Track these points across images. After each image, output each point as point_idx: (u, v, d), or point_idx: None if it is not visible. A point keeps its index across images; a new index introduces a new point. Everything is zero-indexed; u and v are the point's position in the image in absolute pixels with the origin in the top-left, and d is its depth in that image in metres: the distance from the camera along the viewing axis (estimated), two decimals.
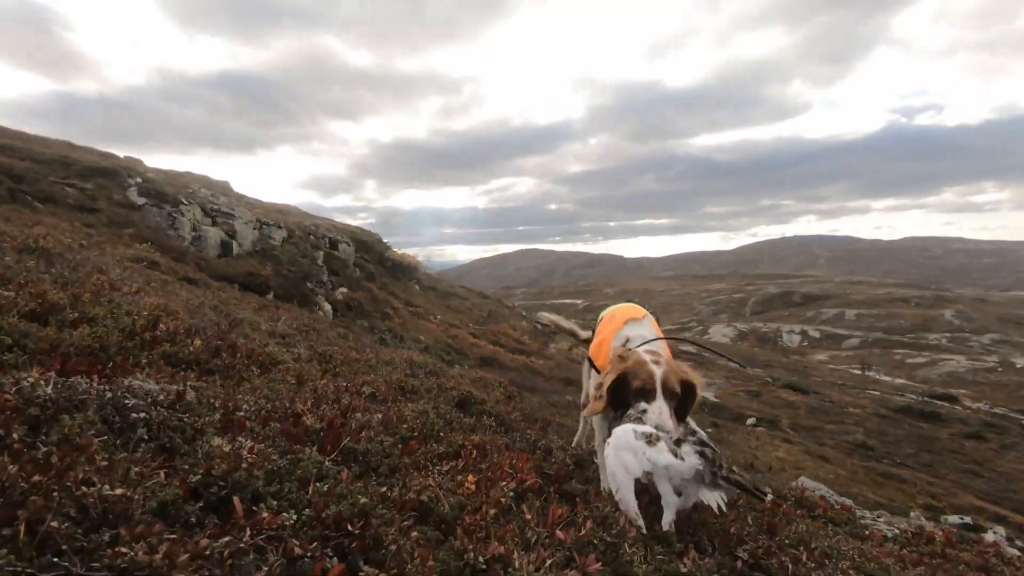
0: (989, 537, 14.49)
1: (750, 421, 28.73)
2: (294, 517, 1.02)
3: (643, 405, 2.25)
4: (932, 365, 62.50)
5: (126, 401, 1.43)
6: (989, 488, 24.83)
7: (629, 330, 2.73)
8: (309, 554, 0.92)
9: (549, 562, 1.14)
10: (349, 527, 1.02)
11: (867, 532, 2.37)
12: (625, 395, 2.36)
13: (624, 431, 2.00)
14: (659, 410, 2.18)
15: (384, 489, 1.24)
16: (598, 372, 2.62)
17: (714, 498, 1.80)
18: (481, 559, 1.13)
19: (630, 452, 1.87)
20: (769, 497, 2.25)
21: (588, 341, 3.11)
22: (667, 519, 1.70)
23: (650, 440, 1.94)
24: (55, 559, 0.88)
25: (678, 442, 1.99)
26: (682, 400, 2.39)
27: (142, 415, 1.43)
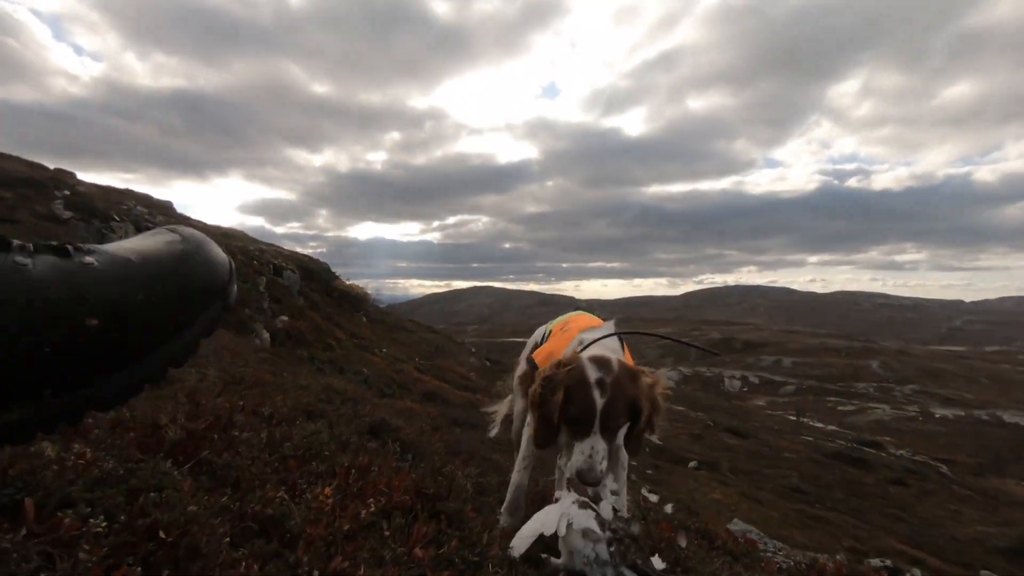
0: None
1: (692, 464, 29.13)
2: (104, 524, 0.94)
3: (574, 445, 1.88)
4: (860, 413, 65.59)
5: None
6: (911, 532, 25.89)
7: (586, 336, 2.33)
8: (96, 560, 0.84)
9: None
10: (163, 535, 0.94)
11: (762, 564, 2.40)
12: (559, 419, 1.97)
13: (586, 517, 1.59)
14: (588, 450, 1.81)
15: (225, 499, 1.17)
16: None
17: None
18: (317, 573, 1.07)
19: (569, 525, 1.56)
20: None
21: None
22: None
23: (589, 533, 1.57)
24: None
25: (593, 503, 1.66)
26: (633, 423, 1.97)
27: None
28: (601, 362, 1.98)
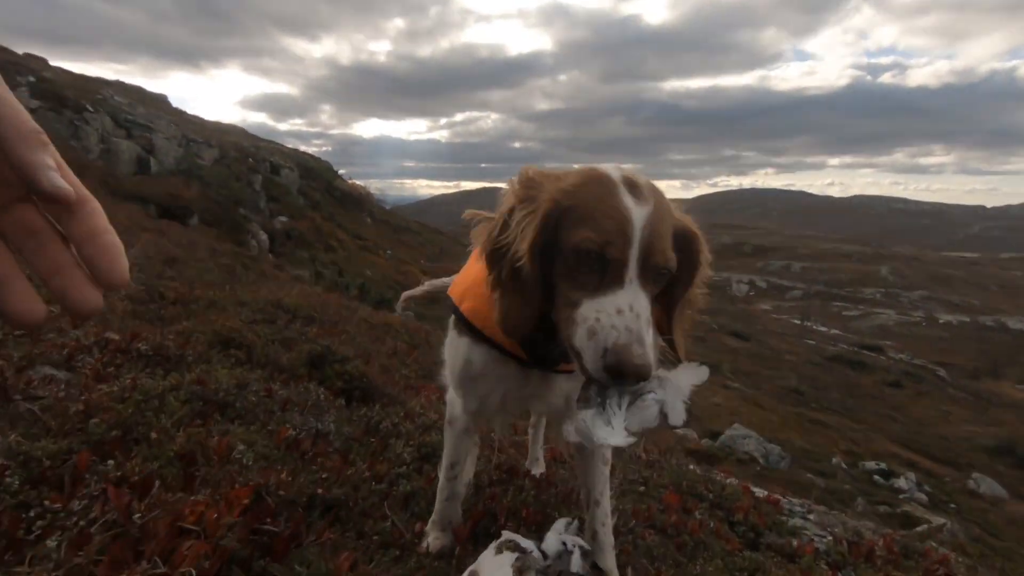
0: (901, 484, 15.41)
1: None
2: None
3: (594, 307, 1.02)
4: (865, 318, 66.04)
5: None
6: (902, 432, 26.70)
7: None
8: None
9: None
10: None
11: (795, 544, 1.92)
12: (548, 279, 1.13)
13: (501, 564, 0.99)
14: (624, 306, 0.99)
15: None
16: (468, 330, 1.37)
17: None
18: None
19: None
20: None
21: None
22: None
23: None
24: None
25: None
26: (677, 277, 1.16)
27: None
28: (623, 175, 1.15)
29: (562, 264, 1.09)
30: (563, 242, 1.07)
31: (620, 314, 1.00)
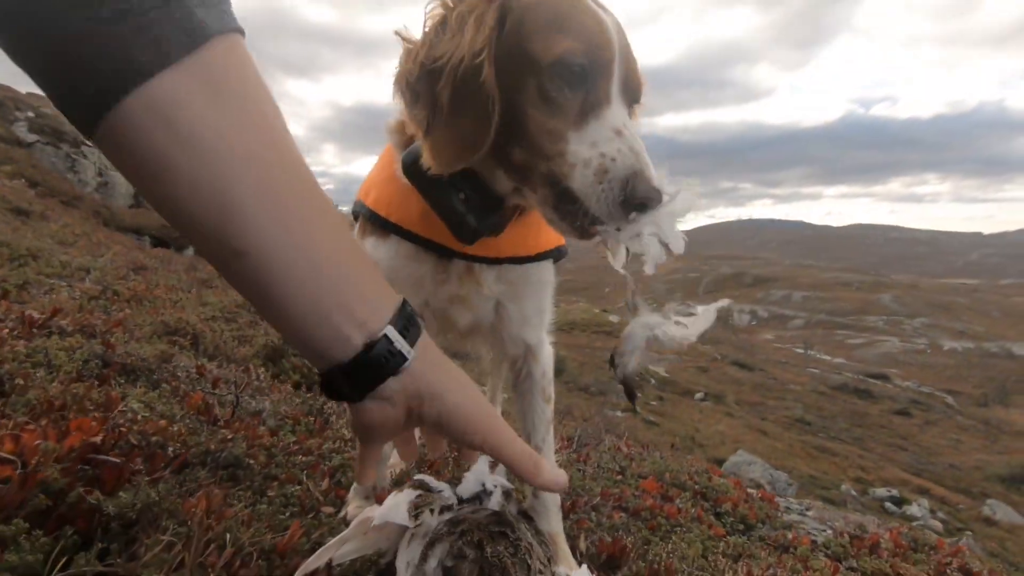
0: (914, 511, 14.93)
1: (698, 395, 29.14)
2: None
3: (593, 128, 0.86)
4: (869, 346, 65.50)
5: None
6: (912, 461, 26.05)
7: None
8: None
9: None
10: None
11: (789, 537, 1.74)
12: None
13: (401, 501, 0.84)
14: (610, 133, 0.85)
15: None
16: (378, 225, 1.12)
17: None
18: None
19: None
20: None
21: None
22: None
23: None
24: None
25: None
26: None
27: None
28: None
29: (532, 85, 0.88)
30: (531, 54, 0.87)
31: (620, 136, 0.86)
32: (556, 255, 1.14)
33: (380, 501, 1.12)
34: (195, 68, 0.53)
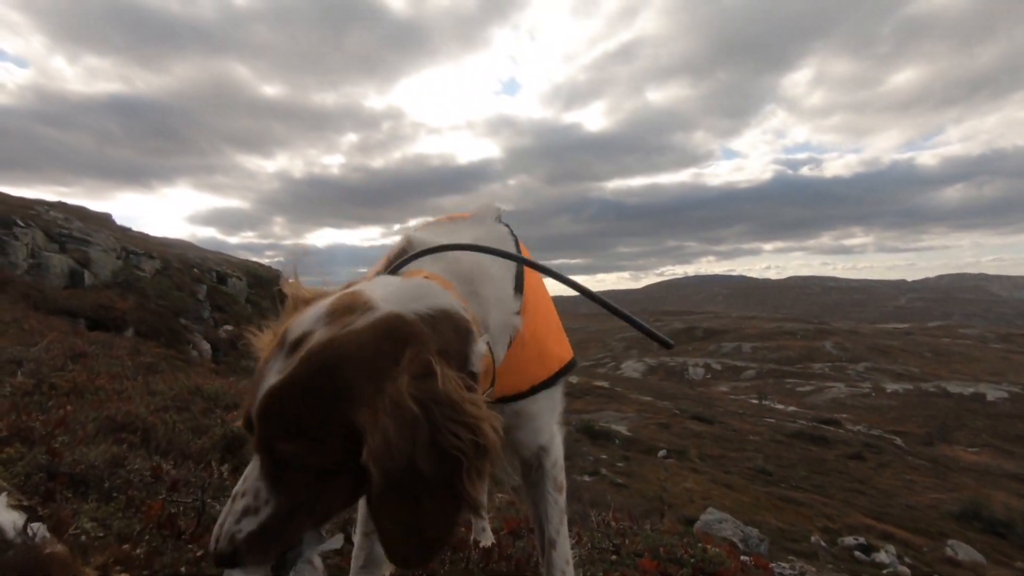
0: (883, 558, 14.96)
1: (661, 453, 29.00)
2: None
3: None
4: (818, 392, 67.45)
5: None
6: (872, 504, 26.38)
7: (423, 235, 1.20)
8: None
9: None
10: None
11: None
12: None
13: None
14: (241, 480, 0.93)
15: None
16: None
17: None
18: None
19: None
20: None
21: None
22: None
23: None
24: None
25: None
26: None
27: None
28: (339, 306, 0.94)
29: None
30: None
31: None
32: (564, 374, 1.20)
33: None
34: None
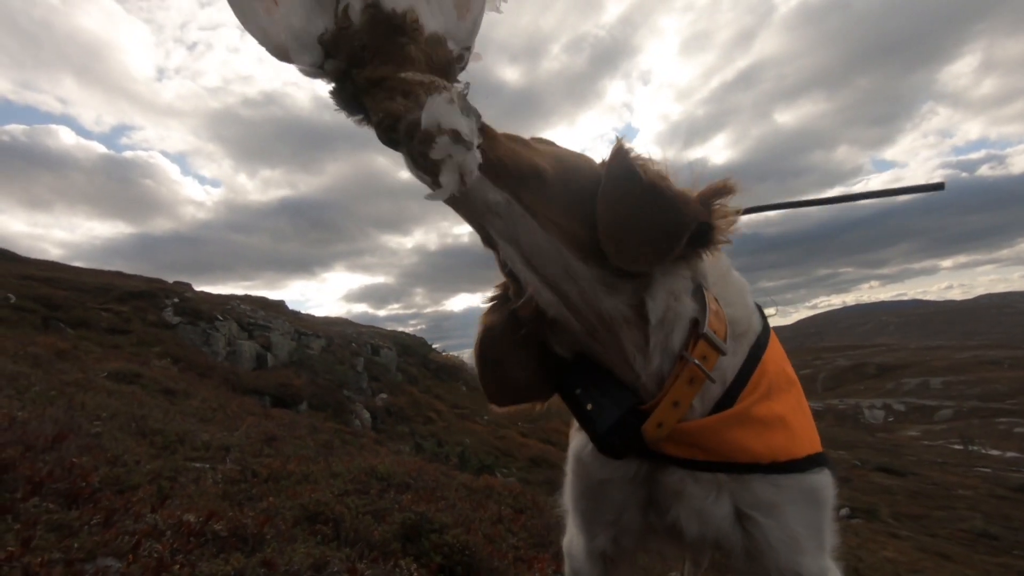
0: None
1: (843, 512, 25.21)
2: None
3: None
4: None
5: None
6: None
7: None
8: None
9: None
10: None
11: None
12: None
13: None
14: None
15: None
16: None
17: None
18: None
19: None
20: None
21: None
22: None
23: None
24: None
25: None
26: None
27: None
28: None
29: None
30: None
31: None
32: (816, 465, 0.94)
33: None
34: None
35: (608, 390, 0.89)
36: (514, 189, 0.85)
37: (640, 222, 0.82)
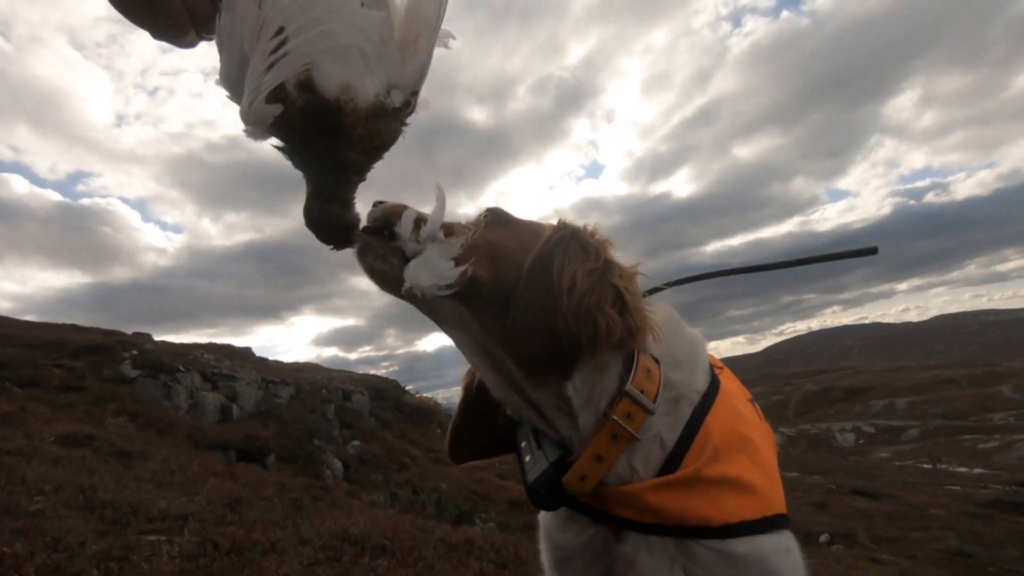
0: None
1: (823, 538, 25.15)
2: None
3: None
4: (1008, 448, 56.70)
5: None
6: None
7: None
8: None
9: None
10: None
11: None
12: None
13: None
14: None
15: None
16: None
17: None
18: None
19: None
20: None
21: None
22: None
23: None
24: None
25: None
26: None
27: None
28: None
29: None
30: None
31: None
32: (773, 526, 0.88)
33: None
34: None
35: (543, 444, 0.96)
36: (463, 299, 0.94)
37: (544, 336, 0.86)
